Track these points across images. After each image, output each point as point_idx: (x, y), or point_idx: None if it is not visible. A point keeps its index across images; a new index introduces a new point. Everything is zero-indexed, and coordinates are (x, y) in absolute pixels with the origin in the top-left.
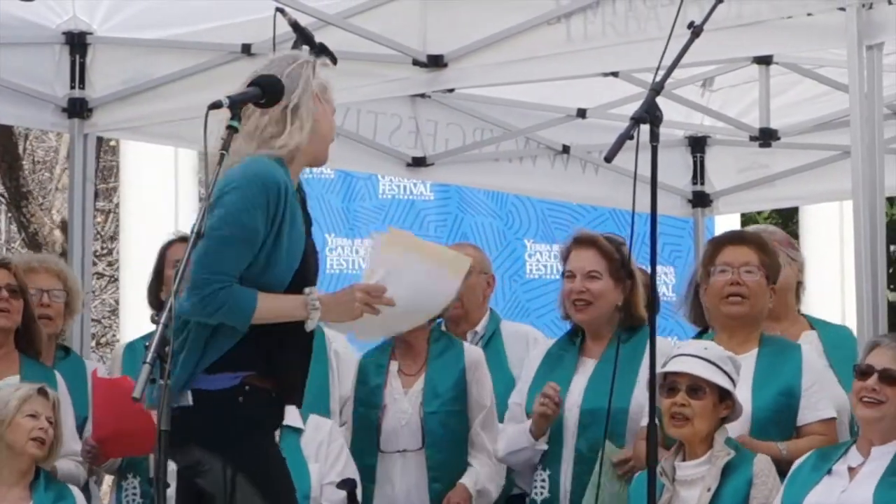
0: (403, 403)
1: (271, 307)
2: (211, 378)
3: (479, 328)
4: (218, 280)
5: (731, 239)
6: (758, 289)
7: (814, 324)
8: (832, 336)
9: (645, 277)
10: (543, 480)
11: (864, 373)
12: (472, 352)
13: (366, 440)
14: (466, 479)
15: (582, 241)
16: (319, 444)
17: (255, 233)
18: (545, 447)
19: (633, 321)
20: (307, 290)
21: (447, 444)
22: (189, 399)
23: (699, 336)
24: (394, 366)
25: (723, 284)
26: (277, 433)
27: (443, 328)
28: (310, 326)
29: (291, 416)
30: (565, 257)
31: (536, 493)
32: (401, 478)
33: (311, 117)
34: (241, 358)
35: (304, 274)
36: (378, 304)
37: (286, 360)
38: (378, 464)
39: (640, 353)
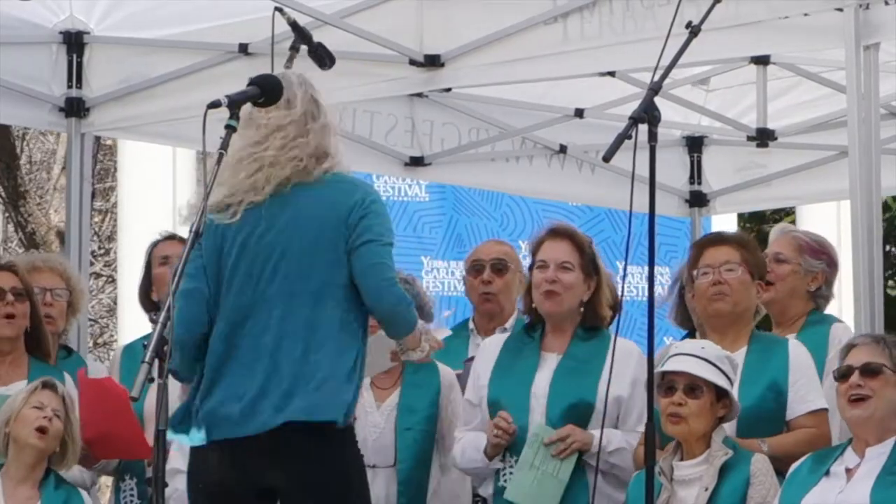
0: (375, 417)
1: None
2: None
3: (508, 325)
4: (398, 283)
5: (712, 241)
6: (739, 285)
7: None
8: (824, 328)
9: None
10: (511, 467)
11: (844, 374)
12: (447, 373)
13: None
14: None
15: (557, 233)
16: None
17: None
18: (499, 465)
19: (595, 320)
20: (423, 328)
21: (417, 462)
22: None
23: (688, 337)
24: (366, 379)
25: (706, 286)
26: None
27: (472, 324)
28: (412, 357)
29: None
30: (536, 249)
31: (505, 480)
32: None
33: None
34: None
35: None
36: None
37: None
38: None
39: (603, 351)
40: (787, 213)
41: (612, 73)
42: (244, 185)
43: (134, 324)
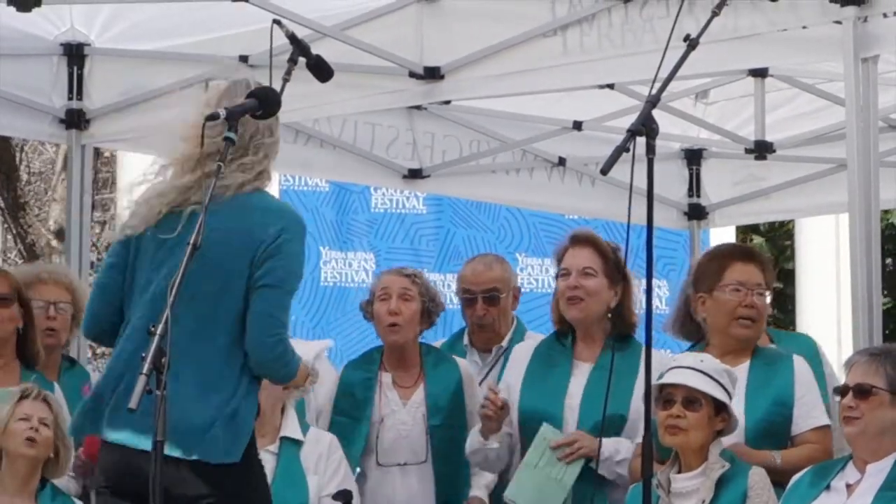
0: (402, 415)
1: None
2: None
3: (505, 342)
4: (286, 335)
5: (741, 255)
6: (765, 311)
7: (774, 337)
8: (792, 347)
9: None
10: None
11: (842, 392)
12: (465, 365)
13: (348, 453)
14: (477, 491)
15: (579, 240)
16: (319, 457)
17: None
18: (496, 446)
19: (625, 328)
20: (306, 365)
21: (452, 457)
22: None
23: (692, 349)
24: (386, 377)
25: (736, 305)
26: (277, 444)
27: (466, 339)
28: (293, 396)
29: (291, 428)
30: (560, 257)
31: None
32: (400, 491)
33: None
34: None
35: None
36: None
37: None
38: (370, 477)
39: (636, 362)
40: (782, 225)
41: (611, 86)
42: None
43: None
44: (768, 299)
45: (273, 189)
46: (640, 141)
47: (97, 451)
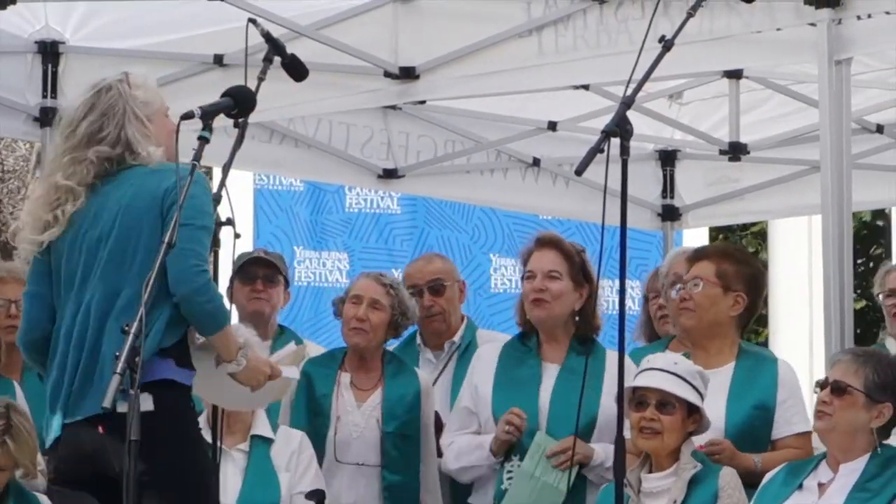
0: (356, 416)
1: (229, 333)
2: (172, 367)
3: (457, 338)
4: (206, 267)
5: (691, 255)
6: (703, 300)
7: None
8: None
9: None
10: (510, 471)
11: (821, 386)
12: (425, 378)
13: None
14: None
15: (544, 242)
16: (290, 455)
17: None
18: (502, 458)
19: (589, 330)
20: (243, 342)
21: (403, 466)
22: (150, 404)
23: (655, 347)
24: (345, 377)
25: (677, 302)
26: (248, 443)
27: (419, 339)
28: (228, 369)
29: (262, 426)
30: (526, 259)
31: (510, 481)
32: (350, 489)
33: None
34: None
35: None
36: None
37: None
38: (326, 472)
39: (601, 364)
40: (752, 226)
41: (585, 87)
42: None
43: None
44: (703, 287)
45: (247, 187)
46: (615, 142)
47: None
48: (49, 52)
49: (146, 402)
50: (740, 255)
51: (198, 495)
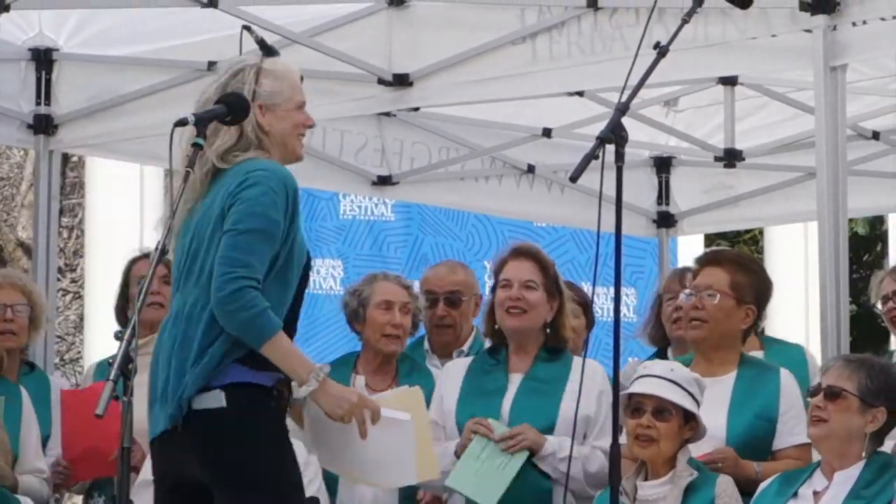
0: None
1: (285, 349)
2: (248, 371)
3: (465, 347)
4: (245, 274)
5: (699, 261)
6: (717, 313)
7: (766, 344)
8: (779, 359)
9: (572, 294)
10: None
11: (814, 392)
12: (438, 375)
13: None
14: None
15: (521, 252)
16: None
17: (278, 227)
18: None
19: (558, 342)
20: (319, 365)
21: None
22: (222, 400)
23: (657, 355)
24: (360, 380)
25: (687, 308)
26: None
27: (427, 344)
28: (298, 393)
29: None
30: (499, 269)
31: None
32: (365, 492)
33: (244, 128)
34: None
35: (303, 285)
36: (362, 421)
37: None
38: (341, 478)
39: (566, 371)
40: (747, 233)
41: (580, 93)
42: None
43: (101, 340)
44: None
45: None
46: (610, 148)
47: (77, 456)
48: (43, 59)
49: (218, 399)
50: (754, 265)
51: (268, 495)
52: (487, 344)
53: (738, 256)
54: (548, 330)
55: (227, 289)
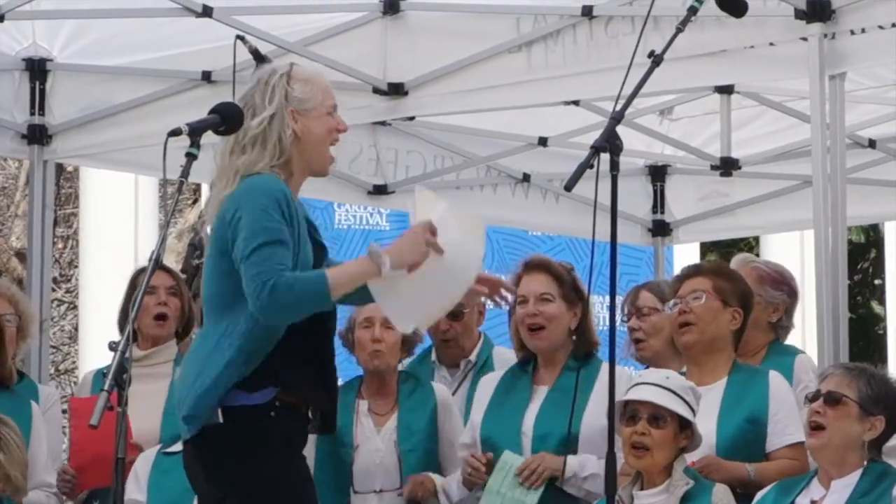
0: (376, 442)
1: (343, 272)
2: (242, 395)
3: (473, 356)
4: (268, 276)
5: (688, 272)
6: (706, 314)
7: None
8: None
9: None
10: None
11: (812, 398)
12: (442, 391)
13: (335, 479)
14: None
15: (532, 266)
16: None
17: (282, 229)
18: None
19: (587, 346)
20: (371, 249)
21: None
22: (219, 416)
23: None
24: (363, 405)
25: (674, 317)
26: None
27: (434, 355)
28: (386, 273)
29: None
30: (515, 285)
31: None
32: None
33: (276, 136)
34: (269, 374)
35: None
36: (435, 245)
37: (313, 377)
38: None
39: (593, 380)
40: (744, 241)
41: (576, 102)
42: None
43: (96, 350)
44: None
45: None
46: (604, 157)
47: (85, 464)
48: (37, 69)
49: (216, 416)
50: (733, 273)
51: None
52: (499, 351)
53: (717, 265)
54: (574, 337)
55: (262, 298)
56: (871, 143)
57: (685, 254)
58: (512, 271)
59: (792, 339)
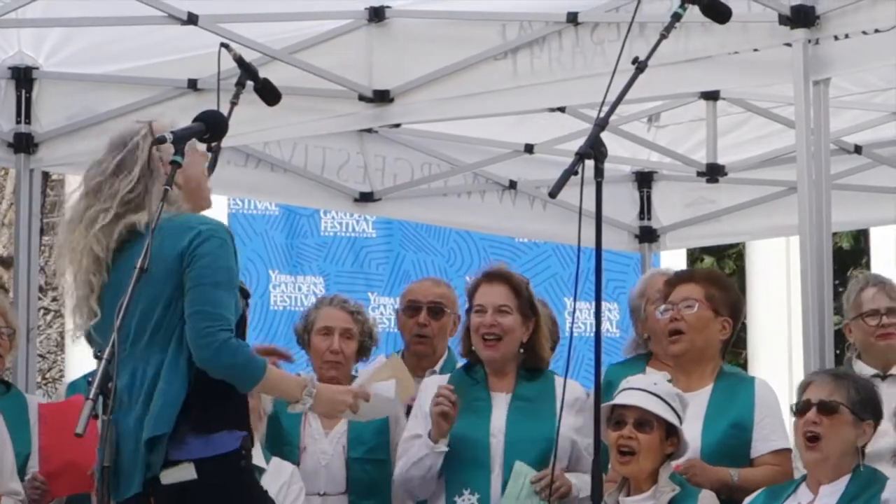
0: (323, 444)
1: (276, 379)
2: (210, 440)
3: (437, 367)
4: (224, 327)
5: (677, 278)
6: (697, 323)
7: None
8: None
9: (547, 311)
10: (472, 493)
11: (802, 410)
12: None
13: None
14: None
15: (493, 276)
16: (280, 486)
17: (236, 277)
18: (445, 449)
19: (537, 362)
20: (305, 374)
21: (372, 491)
22: (193, 472)
23: (632, 361)
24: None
25: (665, 323)
26: None
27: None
28: (296, 409)
29: (255, 456)
30: (472, 292)
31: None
32: None
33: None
34: (230, 415)
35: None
36: (356, 409)
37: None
38: None
39: (550, 391)
40: (731, 247)
41: (562, 109)
42: None
43: (82, 359)
44: (697, 308)
45: (221, 212)
46: (589, 164)
47: (56, 471)
48: (23, 77)
49: (188, 471)
50: (726, 281)
51: None
52: (461, 363)
53: (710, 272)
54: (522, 350)
55: (214, 344)
56: (857, 149)
57: (672, 260)
58: (469, 280)
59: (777, 345)
